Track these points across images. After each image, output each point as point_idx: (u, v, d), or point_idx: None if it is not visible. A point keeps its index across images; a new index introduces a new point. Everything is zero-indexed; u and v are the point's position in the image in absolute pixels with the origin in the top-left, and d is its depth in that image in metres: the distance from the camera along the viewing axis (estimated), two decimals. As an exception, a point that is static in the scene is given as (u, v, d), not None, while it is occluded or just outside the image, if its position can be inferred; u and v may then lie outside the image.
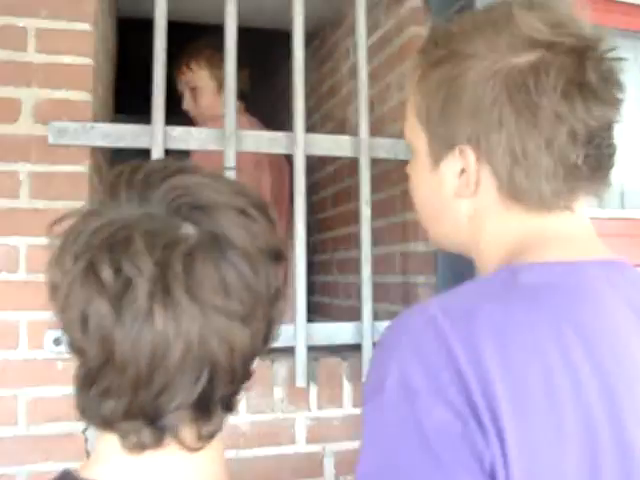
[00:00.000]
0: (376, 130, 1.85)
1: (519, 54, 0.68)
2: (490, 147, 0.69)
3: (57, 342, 1.39)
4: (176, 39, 1.94)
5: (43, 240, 1.37)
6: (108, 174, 0.68)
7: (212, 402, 0.62)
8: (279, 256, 0.67)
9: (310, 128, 2.39)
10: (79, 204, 1.40)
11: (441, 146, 0.73)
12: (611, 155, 0.70)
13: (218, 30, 1.56)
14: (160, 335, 0.57)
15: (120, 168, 0.67)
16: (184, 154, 1.69)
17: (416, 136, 0.77)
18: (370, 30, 1.91)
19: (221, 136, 1.49)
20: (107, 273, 0.57)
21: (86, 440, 1.41)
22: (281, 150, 1.55)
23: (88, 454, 1.41)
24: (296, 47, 1.57)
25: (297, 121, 1.53)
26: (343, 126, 2.06)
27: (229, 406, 0.66)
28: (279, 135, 1.55)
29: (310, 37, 2.36)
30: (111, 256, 0.57)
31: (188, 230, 0.59)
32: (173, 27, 1.73)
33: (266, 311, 0.64)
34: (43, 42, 1.45)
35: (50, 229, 0.65)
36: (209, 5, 1.93)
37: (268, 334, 0.67)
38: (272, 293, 0.65)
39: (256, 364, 0.67)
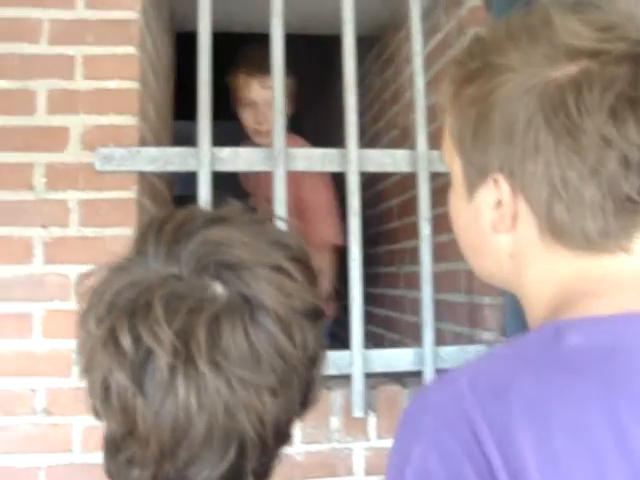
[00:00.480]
0: (438, 140, 1.74)
1: (557, 66, 0.57)
2: (525, 176, 0.59)
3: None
4: (227, 48, 1.90)
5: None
6: (140, 225, 0.66)
7: (243, 474, 0.58)
8: (318, 315, 0.63)
9: (374, 136, 2.31)
10: (127, 231, 1.39)
11: (475, 174, 0.63)
12: None
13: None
14: (183, 408, 0.54)
15: (151, 218, 0.65)
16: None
17: (452, 160, 0.67)
18: (430, 33, 1.80)
19: (270, 156, 1.43)
20: (127, 341, 0.55)
21: (139, 469, 1.39)
22: (334, 168, 1.47)
23: (141, 484, 1.39)
24: (347, 57, 1.49)
25: (349, 136, 1.45)
26: (407, 134, 1.96)
27: (262, 475, 0.61)
28: (331, 152, 1.48)
29: (372, 40, 2.27)
30: (131, 323, 0.55)
31: (216, 290, 0.56)
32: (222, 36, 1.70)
33: (303, 376, 0.60)
34: (90, 68, 1.44)
35: (78, 285, 0.64)
36: (259, 14, 1.87)
37: (307, 398, 0.62)
38: (310, 356, 0.60)
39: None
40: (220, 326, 0.55)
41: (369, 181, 2.19)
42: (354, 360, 1.43)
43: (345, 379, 1.46)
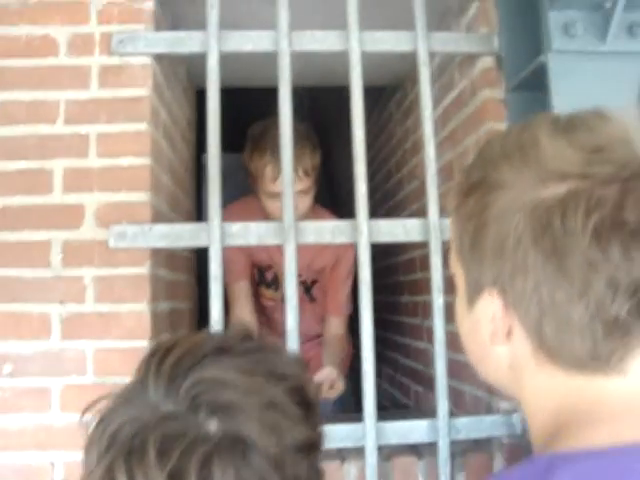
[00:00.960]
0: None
1: (547, 186, 0.58)
2: (516, 294, 0.60)
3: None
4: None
5: (108, 343, 1.40)
6: (145, 354, 0.69)
7: None
8: (312, 446, 0.65)
9: (398, 183, 2.30)
10: (141, 307, 1.42)
11: (474, 285, 0.65)
12: None
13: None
14: None
15: (157, 345, 0.69)
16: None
17: (456, 269, 0.69)
18: (445, 89, 1.79)
19: (280, 229, 1.44)
20: None
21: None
22: (345, 239, 1.47)
23: None
24: (355, 127, 1.49)
25: (360, 208, 1.45)
26: (425, 186, 1.94)
27: None
28: (342, 224, 1.48)
29: (394, 88, 2.27)
30: (127, 465, 0.58)
31: (209, 429, 0.59)
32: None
33: None
34: (103, 146, 1.47)
35: (84, 412, 0.70)
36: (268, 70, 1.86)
37: None
38: None
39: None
40: (212, 467, 0.57)
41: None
42: (367, 433, 1.42)
43: (360, 449, 1.45)
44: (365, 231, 1.45)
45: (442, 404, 1.44)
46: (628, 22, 1.32)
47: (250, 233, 1.46)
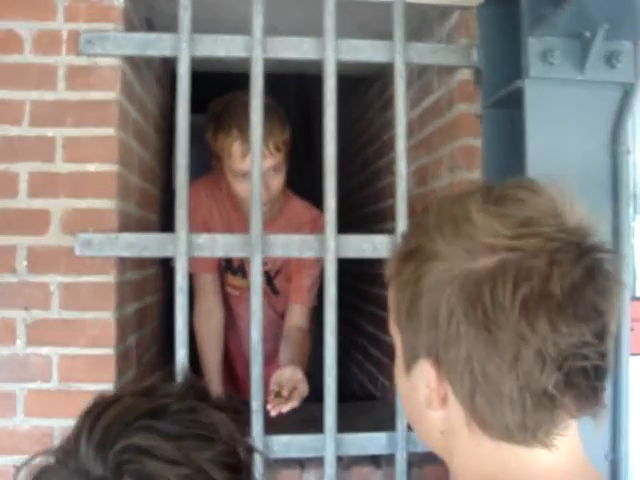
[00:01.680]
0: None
1: (477, 259, 0.59)
2: (449, 364, 0.62)
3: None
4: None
5: (73, 350, 1.40)
6: (84, 408, 0.69)
7: None
8: None
9: (374, 174, 2.28)
10: (106, 314, 1.42)
11: (410, 352, 0.66)
12: (600, 373, 0.59)
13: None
14: None
15: (93, 402, 0.69)
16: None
17: (394, 332, 0.70)
18: (423, 92, 1.76)
19: (247, 242, 1.44)
20: None
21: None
22: (312, 254, 1.47)
23: None
24: (328, 136, 1.47)
25: (328, 223, 1.44)
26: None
27: None
28: (309, 238, 1.47)
29: (374, 78, 2.22)
30: None
31: None
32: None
33: None
34: (70, 151, 1.44)
35: (20, 468, 0.71)
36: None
37: None
38: None
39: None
40: None
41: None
42: (327, 444, 1.45)
43: (319, 458, 1.49)
44: (332, 247, 1.44)
45: (401, 418, 1.47)
46: (607, 52, 1.30)
47: (217, 245, 1.45)
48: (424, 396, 0.65)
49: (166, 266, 1.98)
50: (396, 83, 1.48)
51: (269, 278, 2.01)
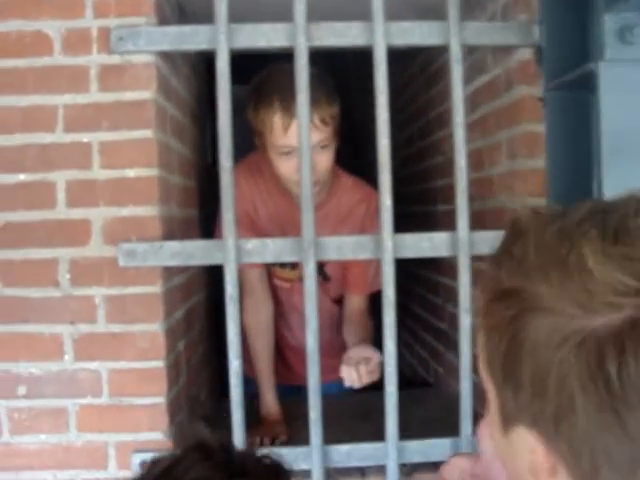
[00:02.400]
0: (484, 191, 1.62)
1: (596, 315, 0.48)
2: (562, 438, 0.51)
3: (144, 464, 1.39)
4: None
5: (122, 364, 1.36)
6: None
7: None
8: None
9: (419, 153, 2.17)
10: (154, 326, 1.36)
11: (508, 414, 0.56)
12: None
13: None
14: None
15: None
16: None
17: (487, 382, 0.59)
18: (476, 70, 1.64)
19: (299, 247, 1.36)
20: None
21: None
22: (368, 255, 1.39)
23: None
24: (380, 133, 1.37)
25: (384, 222, 1.35)
26: (450, 164, 1.82)
27: None
28: (364, 239, 1.38)
29: (415, 52, 2.09)
30: None
31: None
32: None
33: None
34: (106, 156, 1.37)
35: None
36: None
37: None
38: None
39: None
40: None
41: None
42: (389, 452, 1.40)
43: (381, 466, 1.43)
44: (390, 247, 1.35)
45: (465, 424, 1.40)
46: (692, 28, 1.16)
47: (267, 250, 1.37)
48: (528, 464, 0.54)
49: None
50: (452, 69, 1.36)
51: (320, 265, 1.89)
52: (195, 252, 1.37)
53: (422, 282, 2.17)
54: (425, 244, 1.38)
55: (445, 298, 1.95)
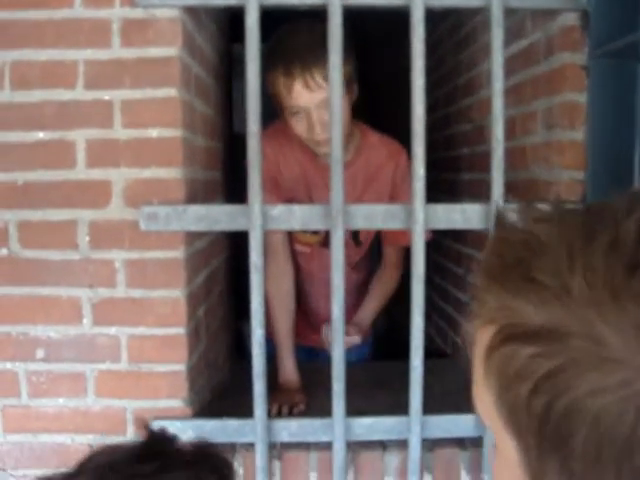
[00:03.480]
0: (517, 161, 1.56)
1: None
2: None
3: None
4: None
5: (142, 330, 1.33)
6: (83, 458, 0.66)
7: None
8: None
9: (445, 119, 2.10)
10: (176, 292, 1.33)
11: (539, 476, 0.47)
12: None
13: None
14: None
15: (91, 455, 0.66)
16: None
17: (496, 427, 0.50)
18: (512, 33, 1.56)
19: (327, 214, 1.31)
20: None
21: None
22: (398, 225, 1.34)
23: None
24: (416, 101, 1.31)
25: (416, 192, 1.30)
26: (481, 133, 1.76)
27: None
28: (395, 208, 1.33)
29: (443, 15, 2.01)
30: None
31: None
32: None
33: None
34: (129, 115, 1.31)
35: None
36: None
37: None
38: None
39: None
40: None
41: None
42: (412, 427, 1.37)
43: (402, 440, 1.41)
44: (421, 218, 1.31)
45: (492, 400, 1.37)
46: None
47: (293, 217, 1.33)
48: None
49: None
50: (492, 33, 1.30)
51: (354, 232, 1.86)
52: (220, 217, 1.32)
53: (443, 251, 2.13)
54: (457, 216, 1.34)
55: (467, 268, 1.91)
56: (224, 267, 1.89)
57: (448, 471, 1.42)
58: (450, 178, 2.07)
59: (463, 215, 1.34)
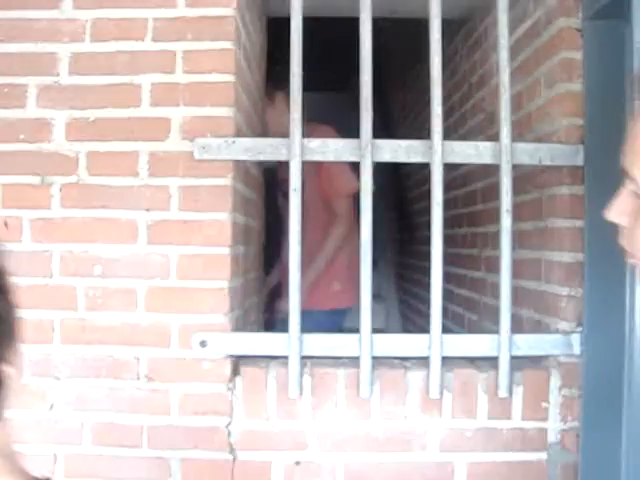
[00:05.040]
0: (522, 128, 1.76)
1: None
2: None
3: (203, 344, 1.51)
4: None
5: (191, 249, 1.49)
6: None
7: None
8: None
9: (461, 118, 2.33)
10: (223, 215, 1.50)
11: None
12: None
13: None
14: None
15: None
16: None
17: None
18: (517, 21, 1.80)
19: (357, 147, 1.50)
20: None
21: (229, 434, 1.52)
22: (419, 159, 1.52)
23: (231, 447, 1.52)
24: (433, 51, 1.53)
25: (434, 128, 1.50)
26: (492, 119, 1.97)
27: None
28: (416, 144, 1.53)
29: (461, 22, 2.27)
30: None
31: None
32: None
33: None
34: (189, 63, 1.54)
35: None
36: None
37: None
38: None
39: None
40: None
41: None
42: (432, 344, 1.50)
43: (423, 360, 1.53)
44: (439, 151, 1.49)
45: (504, 320, 1.50)
46: None
47: (328, 149, 1.52)
48: None
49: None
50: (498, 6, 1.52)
51: None
52: (264, 148, 1.52)
53: (457, 239, 2.29)
54: (471, 151, 1.52)
55: (482, 245, 2.07)
56: (260, 203, 2.06)
57: (466, 390, 1.53)
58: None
59: (477, 150, 1.52)
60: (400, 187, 3.95)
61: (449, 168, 1.65)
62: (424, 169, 1.77)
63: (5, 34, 1.56)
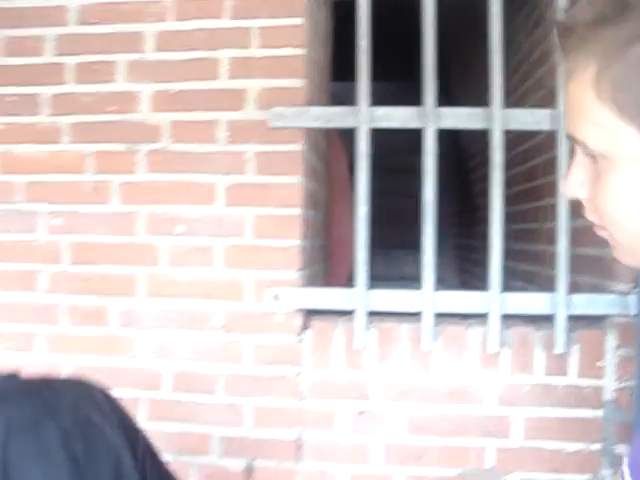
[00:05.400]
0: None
1: None
2: None
3: (276, 298, 1.62)
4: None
5: (265, 210, 1.61)
6: None
7: None
8: None
9: (523, 95, 2.38)
10: (295, 179, 1.61)
11: None
12: None
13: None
14: None
15: None
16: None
17: (615, 136, 0.58)
18: None
19: (422, 114, 1.59)
20: None
21: (298, 383, 1.64)
22: (480, 125, 1.60)
23: (300, 395, 1.63)
24: (493, 18, 1.60)
25: (494, 96, 1.58)
26: (553, 95, 2.02)
27: None
28: (477, 111, 1.60)
29: (522, 2, 2.33)
30: None
31: None
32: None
33: None
34: (264, 38, 1.66)
35: None
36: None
37: None
38: None
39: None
40: None
41: (516, 140, 2.28)
42: (492, 301, 1.58)
43: (483, 318, 1.61)
44: (498, 118, 1.57)
45: (562, 278, 1.57)
46: None
47: (394, 116, 1.61)
48: None
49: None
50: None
51: None
52: (333, 117, 1.62)
53: (518, 215, 2.35)
54: (529, 118, 1.59)
55: (543, 219, 2.12)
56: (325, 207, 2.17)
57: (524, 346, 1.60)
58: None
59: (534, 118, 1.59)
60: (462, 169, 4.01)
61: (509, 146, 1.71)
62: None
63: (99, 17, 1.72)
